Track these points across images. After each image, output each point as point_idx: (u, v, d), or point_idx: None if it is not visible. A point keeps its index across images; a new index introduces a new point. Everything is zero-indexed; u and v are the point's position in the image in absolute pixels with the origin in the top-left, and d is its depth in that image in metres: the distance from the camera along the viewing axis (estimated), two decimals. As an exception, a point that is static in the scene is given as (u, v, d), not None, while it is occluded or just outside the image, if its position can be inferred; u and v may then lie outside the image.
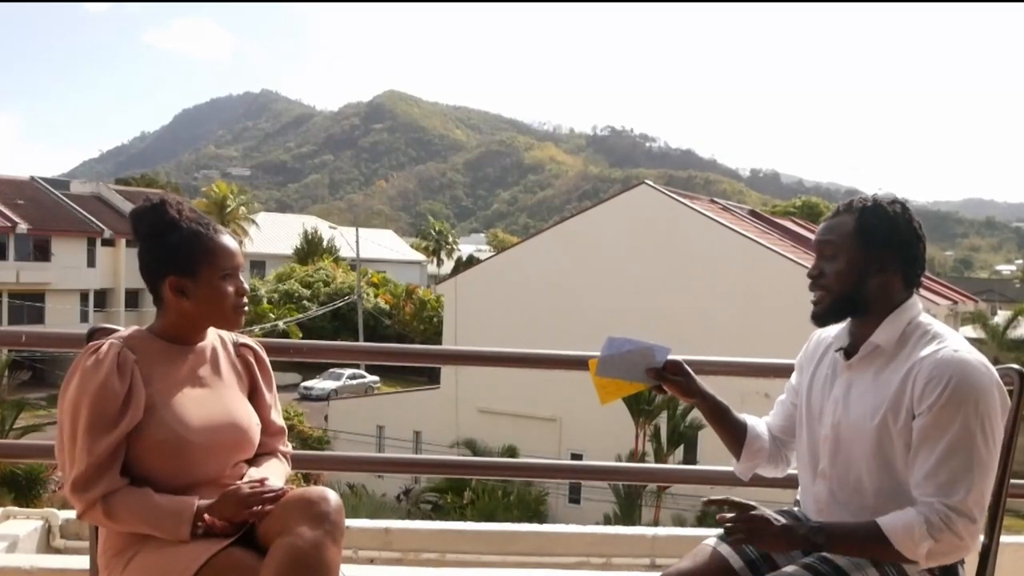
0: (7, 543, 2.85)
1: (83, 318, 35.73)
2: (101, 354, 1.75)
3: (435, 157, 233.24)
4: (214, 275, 1.83)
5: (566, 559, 3.05)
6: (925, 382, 1.67)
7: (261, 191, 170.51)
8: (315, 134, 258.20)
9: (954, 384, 1.64)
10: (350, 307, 37.87)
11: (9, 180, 38.59)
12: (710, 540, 1.93)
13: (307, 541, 1.63)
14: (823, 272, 1.84)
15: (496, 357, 3.11)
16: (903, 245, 1.81)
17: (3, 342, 14.43)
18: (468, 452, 19.87)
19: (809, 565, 1.74)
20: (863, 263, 1.79)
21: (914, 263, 1.82)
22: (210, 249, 1.83)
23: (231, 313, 1.87)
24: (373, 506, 18.86)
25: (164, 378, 1.81)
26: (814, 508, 1.89)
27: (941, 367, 1.67)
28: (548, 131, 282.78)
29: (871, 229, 1.80)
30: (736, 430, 2.04)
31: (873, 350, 1.79)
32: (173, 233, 1.82)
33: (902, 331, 1.78)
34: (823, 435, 1.85)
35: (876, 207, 1.82)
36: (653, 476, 8.84)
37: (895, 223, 1.81)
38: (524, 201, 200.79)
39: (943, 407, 1.64)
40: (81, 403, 1.71)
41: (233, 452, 1.86)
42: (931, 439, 1.65)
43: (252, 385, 1.99)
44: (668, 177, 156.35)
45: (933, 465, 1.64)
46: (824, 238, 1.86)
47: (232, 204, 46.30)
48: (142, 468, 1.76)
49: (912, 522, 1.63)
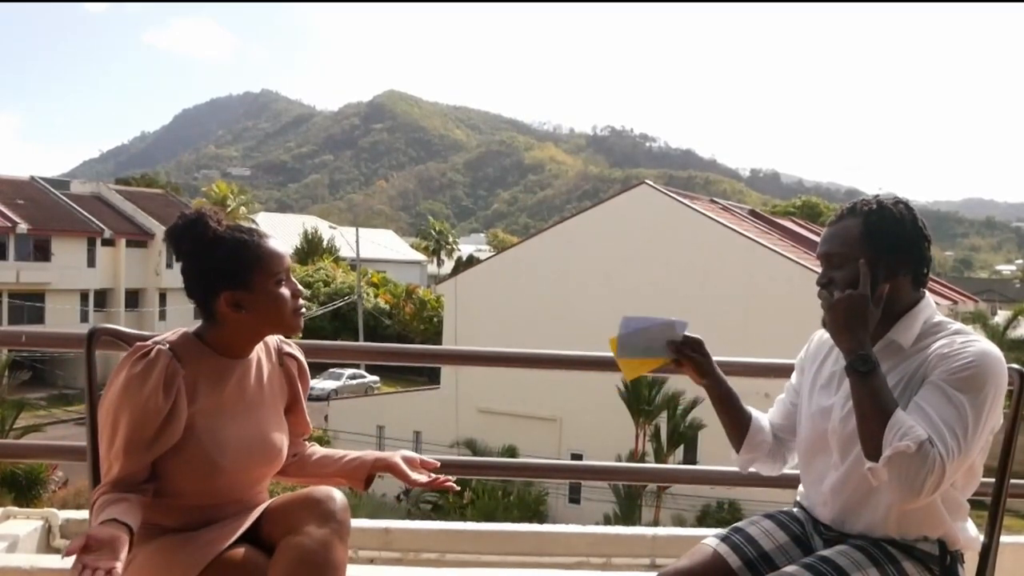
0: (7, 543, 2.84)
1: (83, 318, 35.68)
2: (149, 362, 1.68)
3: (435, 157, 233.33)
4: (268, 282, 1.77)
5: (566, 559, 3.05)
6: (946, 356, 1.67)
7: (261, 191, 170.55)
8: (315, 134, 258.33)
9: (978, 363, 1.65)
10: (350, 307, 37.87)
11: (9, 180, 38.55)
12: (709, 540, 1.92)
13: (315, 540, 1.62)
14: (832, 280, 1.81)
15: (496, 357, 3.10)
16: (911, 246, 1.78)
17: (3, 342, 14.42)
18: (468, 452, 19.88)
19: (810, 565, 1.73)
20: (872, 268, 1.76)
21: (922, 262, 1.80)
22: (259, 257, 1.76)
23: (291, 317, 1.81)
24: (373, 506, 18.85)
25: (208, 395, 1.76)
26: (821, 500, 1.88)
27: (965, 348, 1.67)
28: (548, 131, 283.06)
29: (878, 233, 1.77)
30: (742, 420, 2.02)
31: (888, 345, 1.78)
32: (219, 247, 1.75)
33: (920, 330, 1.77)
34: (831, 429, 1.83)
35: (881, 209, 1.79)
36: (653, 476, 8.83)
37: (902, 224, 1.78)
38: (524, 201, 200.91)
39: (957, 374, 1.64)
40: (122, 413, 1.67)
41: (262, 472, 1.85)
42: (938, 395, 1.63)
43: (293, 396, 1.96)
44: (668, 177, 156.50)
45: (933, 416, 1.61)
46: (829, 248, 1.83)
47: (232, 204, 46.25)
48: (171, 482, 1.73)
49: (916, 427, 1.58)
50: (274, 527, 1.70)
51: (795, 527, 1.94)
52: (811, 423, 1.91)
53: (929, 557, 1.76)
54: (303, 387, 1.97)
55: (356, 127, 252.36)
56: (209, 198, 48.73)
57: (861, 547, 1.76)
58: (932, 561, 1.75)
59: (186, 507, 1.75)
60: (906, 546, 1.76)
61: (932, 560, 1.75)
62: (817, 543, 1.88)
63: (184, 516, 1.75)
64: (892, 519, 1.75)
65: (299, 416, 1.97)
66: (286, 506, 1.73)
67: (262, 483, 1.88)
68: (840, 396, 1.83)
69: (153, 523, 1.74)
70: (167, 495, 1.73)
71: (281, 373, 1.93)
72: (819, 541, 1.88)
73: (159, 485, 1.73)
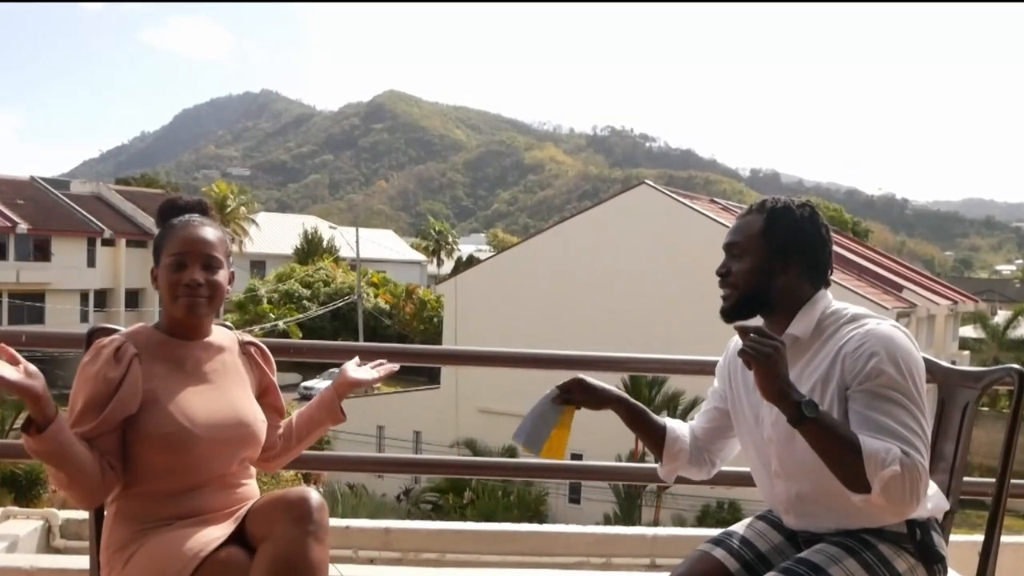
0: (7, 543, 2.85)
1: (83, 318, 35.71)
2: (101, 348, 1.78)
3: (435, 157, 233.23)
4: (168, 263, 1.84)
5: (566, 559, 3.06)
6: (854, 357, 1.71)
7: (261, 191, 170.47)
8: (315, 134, 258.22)
9: (882, 350, 1.69)
10: (350, 307, 37.85)
11: (9, 180, 38.57)
12: (704, 546, 1.94)
13: (291, 543, 1.63)
14: (730, 270, 1.88)
15: (496, 357, 3.11)
16: (807, 248, 1.85)
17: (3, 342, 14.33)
18: (468, 452, 19.88)
19: (787, 569, 1.73)
20: (768, 263, 1.84)
21: (817, 265, 1.86)
22: (170, 238, 1.86)
23: (172, 301, 1.83)
24: (373, 506, 18.84)
25: (167, 373, 1.81)
26: (783, 508, 1.90)
27: (866, 339, 1.71)
28: (548, 131, 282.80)
29: (776, 231, 1.85)
30: (655, 433, 2.06)
31: (793, 343, 1.81)
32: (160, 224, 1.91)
33: (817, 321, 1.82)
34: (766, 437, 1.86)
35: (785, 209, 1.86)
36: (653, 476, 8.83)
37: (800, 226, 1.85)
38: (524, 201, 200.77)
39: (880, 372, 1.67)
40: (79, 391, 1.75)
41: (238, 448, 1.86)
42: (875, 399, 1.67)
43: (264, 382, 2.01)
44: (668, 177, 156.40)
45: (884, 421, 1.65)
46: (732, 239, 1.90)
47: (232, 204, 46.28)
48: (146, 465, 1.76)
49: (889, 447, 1.62)
50: (255, 529, 1.72)
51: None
52: (748, 434, 1.94)
53: (900, 537, 1.77)
54: (270, 371, 2.02)
55: (356, 127, 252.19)
56: (209, 198, 48.39)
57: (836, 541, 1.78)
58: (903, 540, 1.77)
59: (168, 493, 1.77)
60: (878, 529, 1.77)
61: (903, 539, 1.77)
62: (804, 540, 1.90)
63: (168, 505, 1.77)
64: (858, 514, 1.76)
65: (274, 398, 2.03)
66: (264, 508, 1.74)
67: (242, 466, 1.89)
68: (765, 404, 1.79)
69: (141, 518, 1.76)
70: (145, 480, 1.76)
71: (245, 359, 1.99)
72: (803, 539, 1.90)
73: (135, 472, 1.76)
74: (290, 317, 36.16)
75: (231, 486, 1.85)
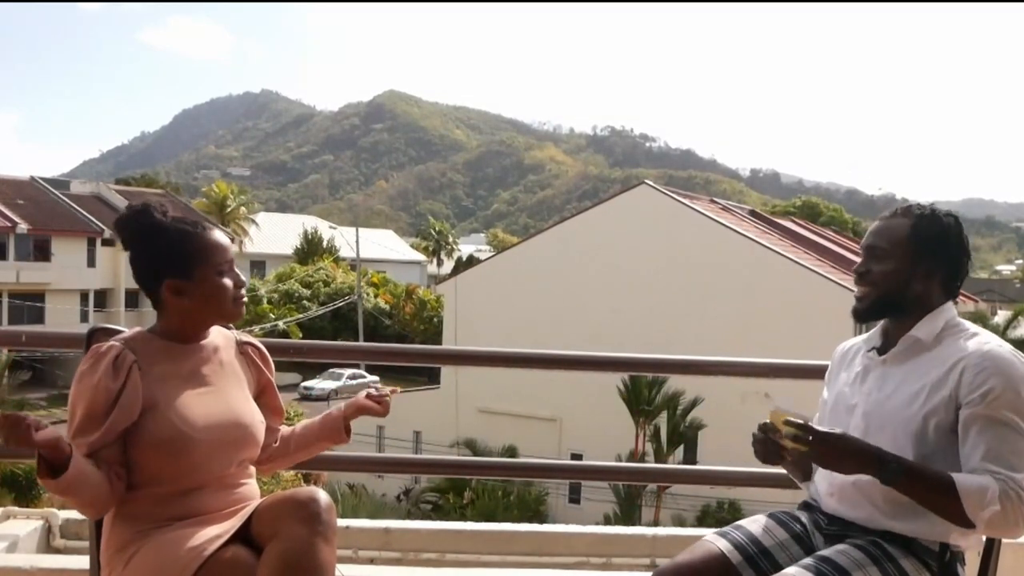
0: (7, 543, 2.85)
1: (83, 318, 35.69)
2: (99, 355, 1.76)
3: (435, 157, 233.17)
4: (209, 272, 1.84)
5: (566, 559, 3.05)
6: (975, 372, 1.74)
7: (261, 191, 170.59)
8: (315, 134, 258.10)
9: (1004, 374, 1.73)
10: (350, 307, 37.86)
11: (9, 180, 38.55)
12: (709, 536, 1.94)
13: (300, 543, 1.63)
14: (870, 270, 1.93)
15: (496, 357, 3.11)
16: (951, 257, 1.90)
17: (3, 342, 14.40)
18: (468, 452, 19.88)
19: (810, 566, 1.73)
20: (911, 267, 1.88)
21: (956, 275, 1.92)
22: (201, 248, 1.85)
23: (231, 306, 1.88)
24: (373, 506, 18.86)
25: (166, 377, 1.81)
26: (830, 491, 1.91)
27: (991, 360, 1.75)
28: (548, 131, 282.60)
29: (924, 237, 1.88)
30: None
31: (912, 344, 1.87)
32: (161, 237, 1.84)
33: (941, 328, 1.86)
34: (853, 424, 1.88)
35: (933, 216, 1.90)
36: (653, 476, 8.85)
37: (947, 235, 1.89)
38: (524, 201, 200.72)
39: (998, 396, 1.71)
40: (78, 401, 1.74)
41: (238, 450, 1.86)
42: (989, 423, 1.71)
43: (262, 382, 2.02)
44: (668, 177, 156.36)
45: (995, 446, 1.70)
46: (874, 241, 1.94)
47: (232, 204, 46.36)
48: (146, 470, 1.76)
49: (987, 485, 1.66)
50: (263, 528, 1.71)
51: (796, 525, 1.95)
52: (834, 417, 1.97)
53: (928, 553, 1.77)
54: (268, 370, 2.03)
55: (356, 127, 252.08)
56: (209, 198, 48.80)
57: (860, 546, 1.77)
58: (931, 557, 1.77)
59: (168, 495, 1.77)
60: (905, 542, 1.77)
61: (931, 556, 1.77)
62: (818, 540, 1.90)
63: (168, 506, 1.77)
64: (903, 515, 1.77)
65: (273, 399, 2.04)
66: (272, 507, 1.74)
67: (243, 468, 1.89)
68: (862, 394, 1.90)
69: (142, 519, 1.75)
70: (145, 484, 1.76)
71: (243, 360, 1.99)
72: (820, 539, 1.89)
73: (135, 476, 1.76)
74: (290, 317, 36.17)
75: (231, 486, 1.85)
